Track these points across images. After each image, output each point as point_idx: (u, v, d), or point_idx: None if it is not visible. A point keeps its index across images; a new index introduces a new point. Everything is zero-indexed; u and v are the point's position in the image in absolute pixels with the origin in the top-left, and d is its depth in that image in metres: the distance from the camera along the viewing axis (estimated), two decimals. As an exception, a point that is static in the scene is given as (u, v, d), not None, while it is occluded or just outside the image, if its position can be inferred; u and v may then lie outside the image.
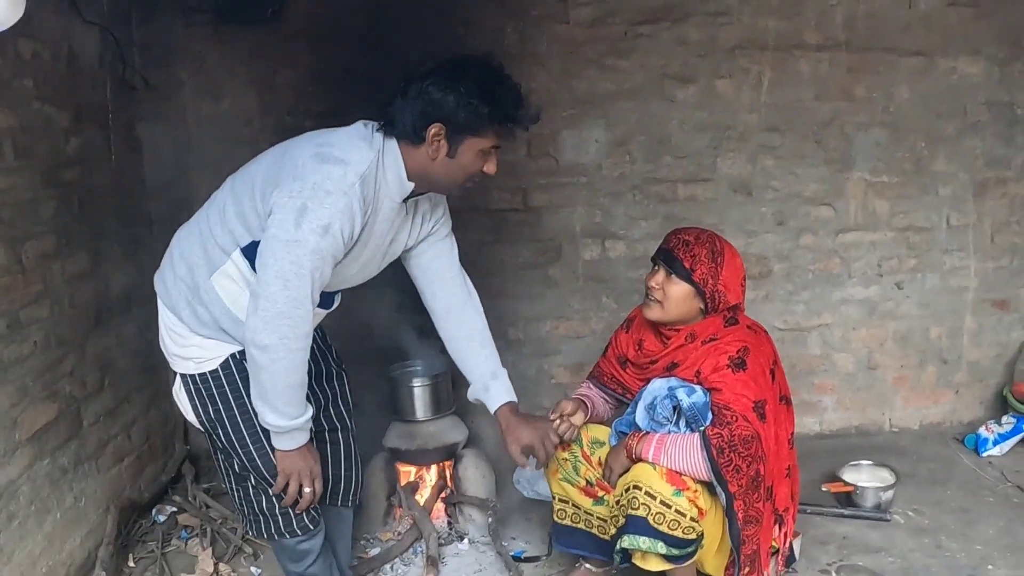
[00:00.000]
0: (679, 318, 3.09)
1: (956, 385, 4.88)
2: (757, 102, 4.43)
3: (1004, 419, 4.56)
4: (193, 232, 2.72)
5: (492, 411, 3.03)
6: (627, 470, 2.97)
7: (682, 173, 4.50)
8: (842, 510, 3.91)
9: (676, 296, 3.05)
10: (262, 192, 2.53)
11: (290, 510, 2.79)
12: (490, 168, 2.64)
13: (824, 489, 3.96)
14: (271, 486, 2.76)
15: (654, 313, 3.10)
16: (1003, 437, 4.48)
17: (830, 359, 4.81)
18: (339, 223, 2.43)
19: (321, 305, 2.71)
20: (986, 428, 4.56)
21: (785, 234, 4.60)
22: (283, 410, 2.58)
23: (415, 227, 2.84)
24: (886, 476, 4.02)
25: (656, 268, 3.11)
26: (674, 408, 2.94)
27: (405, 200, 2.67)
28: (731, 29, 4.35)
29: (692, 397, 2.91)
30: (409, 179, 2.59)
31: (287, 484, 2.72)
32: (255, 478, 2.78)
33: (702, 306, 3.07)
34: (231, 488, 2.93)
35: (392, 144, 2.57)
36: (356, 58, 4.14)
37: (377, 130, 2.58)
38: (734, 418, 2.87)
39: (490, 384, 3.03)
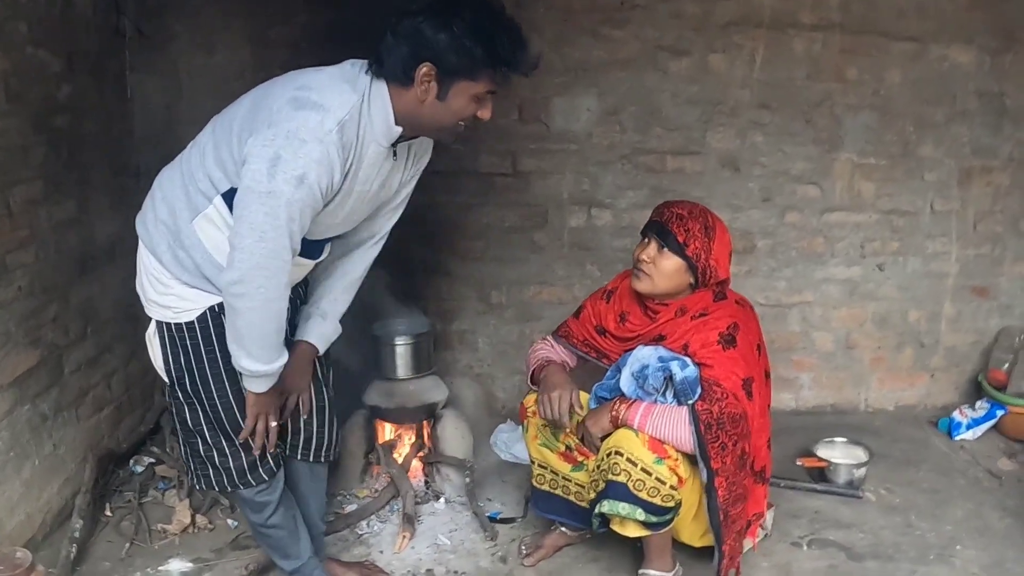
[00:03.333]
0: (668, 291, 3.07)
1: (932, 369, 4.92)
2: (749, 78, 4.42)
3: (978, 404, 4.61)
4: (175, 175, 2.63)
5: (295, 337, 2.86)
6: (607, 435, 2.99)
7: (671, 145, 4.49)
8: (815, 485, 3.95)
9: (668, 270, 3.02)
10: (239, 137, 2.43)
11: (244, 462, 2.79)
12: (484, 114, 2.49)
13: (798, 464, 4.01)
14: (231, 440, 2.76)
15: (643, 285, 3.07)
16: (976, 422, 4.53)
17: (809, 337, 4.83)
18: (315, 173, 2.33)
19: (308, 256, 2.69)
20: (960, 412, 4.61)
21: (771, 211, 4.62)
22: (258, 354, 2.54)
23: (407, 170, 2.76)
24: (859, 454, 4.06)
25: (647, 241, 3.07)
26: (665, 379, 2.93)
27: (394, 144, 2.56)
28: (726, 5, 4.33)
29: (685, 371, 2.88)
30: (397, 123, 2.47)
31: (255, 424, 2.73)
32: (211, 432, 2.76)
33: (692, 281, 3.05)
34: (181, 443, 2.91)
35: (380, 86, 2.43)
36: (351, 15, 4.12)
37: (366, 71, 2.45)
38: (724, 395, 2.87)
39: (314, 317, 2.89)
